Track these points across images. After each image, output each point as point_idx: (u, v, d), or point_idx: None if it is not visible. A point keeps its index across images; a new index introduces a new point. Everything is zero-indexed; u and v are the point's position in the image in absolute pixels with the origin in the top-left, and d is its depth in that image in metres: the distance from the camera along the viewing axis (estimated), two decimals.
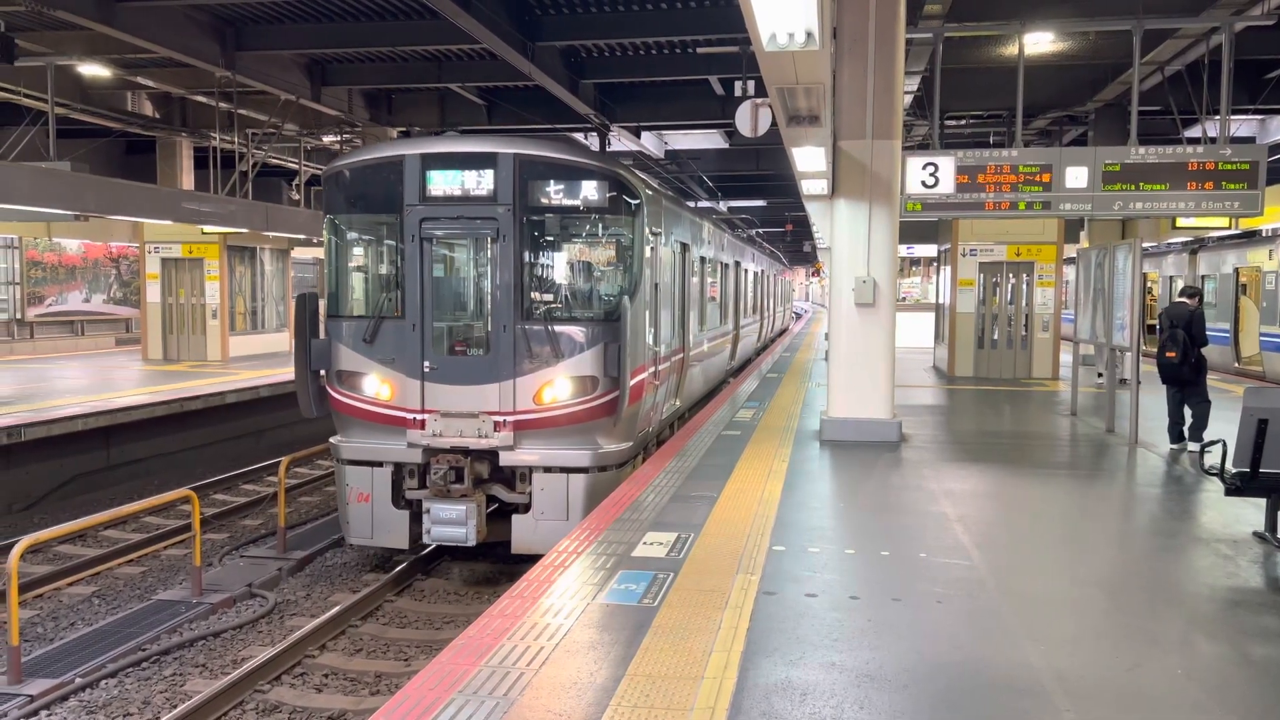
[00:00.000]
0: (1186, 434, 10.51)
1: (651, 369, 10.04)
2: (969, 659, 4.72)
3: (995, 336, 18.59)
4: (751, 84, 14.04)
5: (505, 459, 8.99)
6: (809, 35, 5.26)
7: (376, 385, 9.14)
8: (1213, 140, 12.48)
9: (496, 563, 9.89)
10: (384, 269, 9.64)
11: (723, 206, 29.26)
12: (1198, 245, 22.68)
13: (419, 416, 9.02)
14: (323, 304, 9.79)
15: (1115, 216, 12.69)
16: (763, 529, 7.02)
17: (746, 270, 21.83)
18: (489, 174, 8.89)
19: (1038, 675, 4.51)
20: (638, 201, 9.20)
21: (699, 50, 15.92)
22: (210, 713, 6.54)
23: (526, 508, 9.04)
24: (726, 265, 17.65)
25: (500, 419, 8.90)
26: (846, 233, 10.81)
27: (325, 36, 15.46)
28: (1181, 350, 10.29)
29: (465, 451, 8.99)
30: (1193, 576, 6.23)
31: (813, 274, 79.99)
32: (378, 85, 18.88)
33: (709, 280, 15.24)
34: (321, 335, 9.51)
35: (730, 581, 5.81)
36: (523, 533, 8.98)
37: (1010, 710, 4.16)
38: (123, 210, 16.18)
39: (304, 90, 17.94)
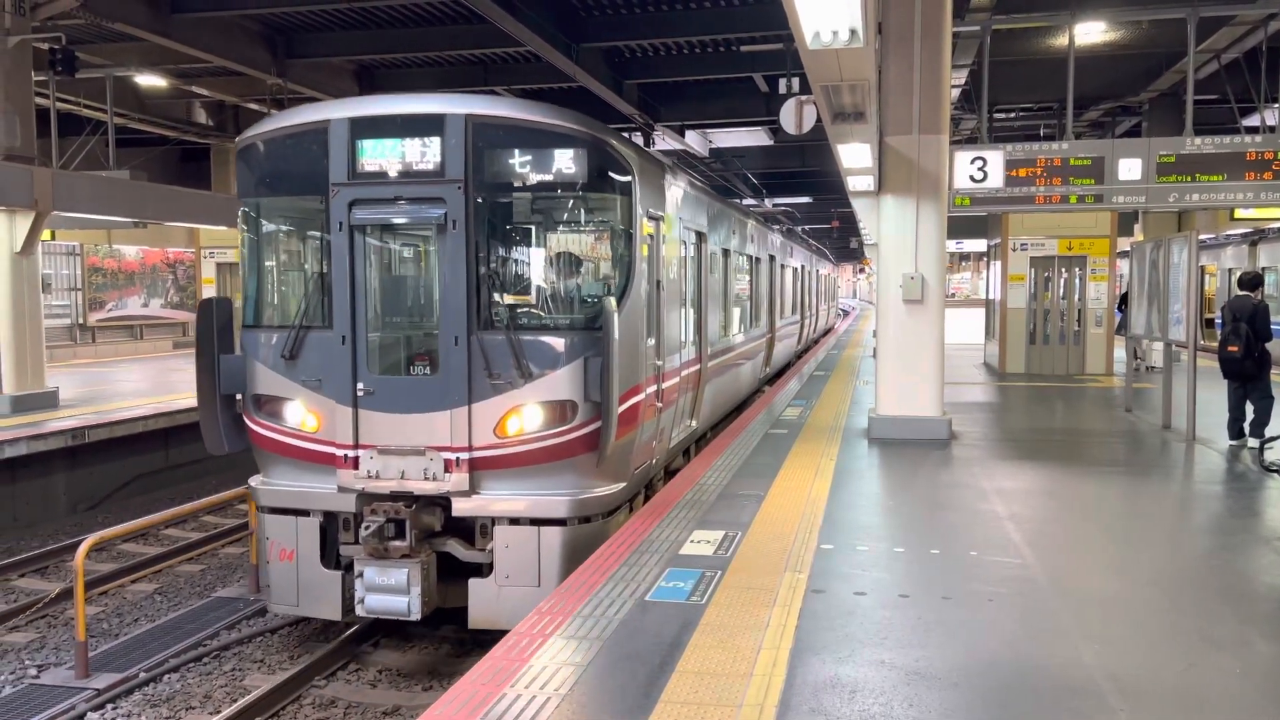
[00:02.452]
0: (1247, 430, 10.30)
1: (653, 387, 8.29)
2: (1020, 657, 4.68)
3: (1047, 332, 18.31)
4: (796, 81, 13.98)
5: (459, 507, 7.15)
6: (853, 33, 5.25)
7: (300, 413, 7.37)
8: (1271, 129, 12.19)
9: (442, 644, 7.85)
10: (308, 267, 7.86)
11: (768, 204, 29.14)
12: (1258, 236, 22.16)
13: (351, 453, 7.23)
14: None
15: (1170, 209, 12.49)
16: (811, 527, 7.01)
17: (784, 266, 20.25)
18: (435, 142, 7.08)
19: (1091, 674, 4.46)
20: (629, 177, 7.46)
21: (743, 48, 15.90)
22: (268, 707, 6.69)
23: (490, 568, 7.20)
24: (758, 259, 16.00)
25: (452, 456, 7.09)
26: (894, 229, 10.73)
27: (373, 42, 15.71)
28: (1244, 344, 10.09)
29: (410, 498, 7.15)
30: (1252, 575, 6.11)
31: (859, 270, 79.36)
32: (425, 89, 19.10)
33: (737, 277, 13.68)
34: (238, 351, 7.72)
35: (778, 579, 5.81)
36: (482, 602, 7.12)
37: (1063, 709, 4.12)
38: (180, 216, 16.61)
39: (353, 95, 18.22)
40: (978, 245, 25.28)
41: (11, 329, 13.50)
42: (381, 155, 7.15)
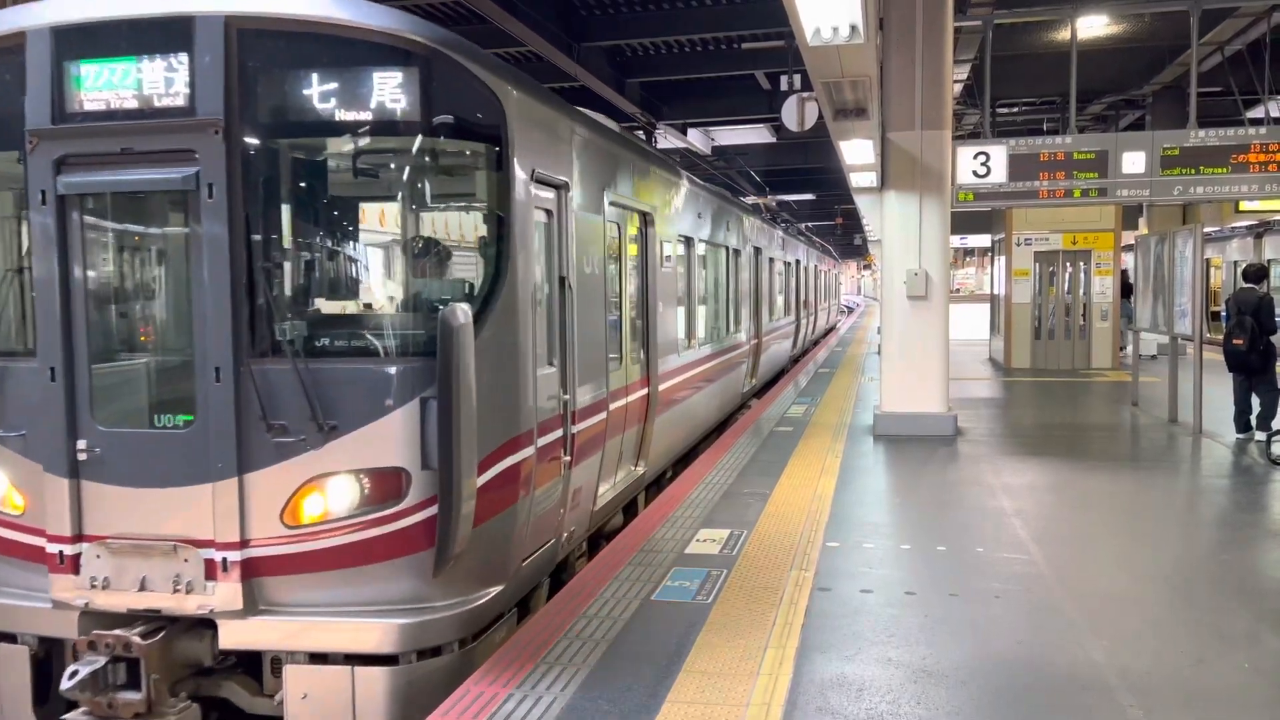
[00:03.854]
0: (1254, 423, 10.29)
1: (555, 433, 5.73)
2: (1029, 654, 4.67)
3: (1052, 327, 18.28)
4: (798, 78, 13.96)
5: (230, 635, 4.67)
6: (853, 29, 5.26)
7: None
8: (1276, 121, 12.14)
9: None
10: (9, 263, 5.21)
11: (772, 201, 29.16)
12: (1263, 229, 22.12)
13: (68, 549, 4.76)
14: None
15: (1175, 201, 12.43)
16: (816, 525, 7.00)
17: (773, 259, 17.57)
18: (183, 61, 4.56)
19: (1100, 671, 4.44)
20: (498, 118, 4.93)
21: (744, 46, 15.88)
22: None
23: None
24: (737, 251, 13.47)
25: (217, 556, 4.63)
26: (897, 225, 10.72)
27: None
28: (1249, 337, 10.08)
29: (157, 619, 4.73)
30: (1261, 570, 6.09)
31: (864, 267, 79.36)
32: None
33: (705, 272, 11.35)
34: None
35: (784, 578, 5.80)
36: None
37: (1073, 706, 4.11)
38: None
39: None
40: (982, 240, 25.22)
41: None
42: (106, 85, 4.63)
